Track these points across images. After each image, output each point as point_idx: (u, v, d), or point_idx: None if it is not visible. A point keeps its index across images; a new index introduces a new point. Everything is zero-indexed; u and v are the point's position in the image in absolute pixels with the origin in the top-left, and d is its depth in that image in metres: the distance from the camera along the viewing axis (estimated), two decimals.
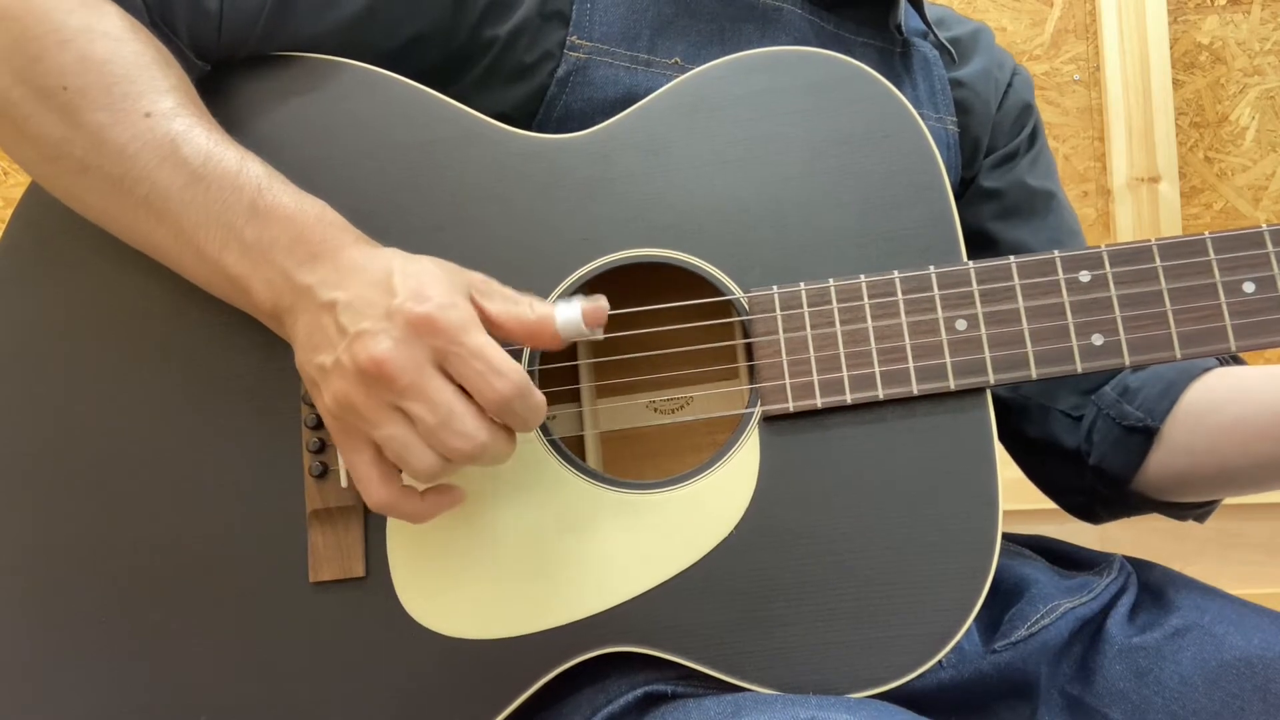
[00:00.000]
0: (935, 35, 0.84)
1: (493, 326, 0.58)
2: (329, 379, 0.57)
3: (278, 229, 0.59)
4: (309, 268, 0.58)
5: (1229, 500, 0.82)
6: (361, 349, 0.55)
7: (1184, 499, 0.79)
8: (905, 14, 0.83)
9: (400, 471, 0.59)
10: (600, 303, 0.60)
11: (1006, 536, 0.84)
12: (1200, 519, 0.82)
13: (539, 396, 0.58)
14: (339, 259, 0.59)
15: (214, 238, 0.60)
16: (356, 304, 0.56)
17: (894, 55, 0.82)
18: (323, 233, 0.59)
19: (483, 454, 0.56)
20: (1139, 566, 0.78)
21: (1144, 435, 0.76)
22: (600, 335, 0.61)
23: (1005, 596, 0.75)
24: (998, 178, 0.86)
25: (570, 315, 0.59)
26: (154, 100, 0.60)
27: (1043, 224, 0.85)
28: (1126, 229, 1.53)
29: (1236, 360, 0.80)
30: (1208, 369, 0.77)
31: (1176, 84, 1.55)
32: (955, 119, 0.85)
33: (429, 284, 0.56)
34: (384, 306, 0.55)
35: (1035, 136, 0.89)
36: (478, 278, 0.60)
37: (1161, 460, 0.76)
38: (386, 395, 0.55)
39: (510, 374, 0.56)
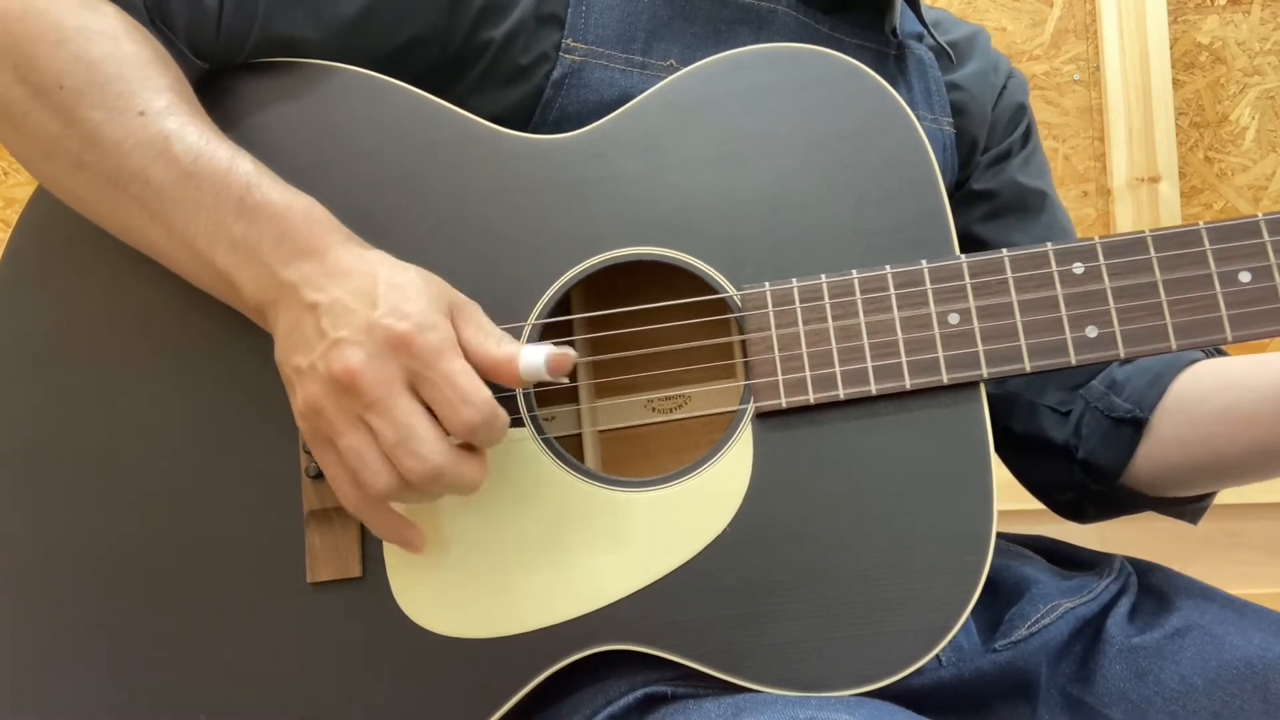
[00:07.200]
0: (933, 37, 0.84)
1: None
2: (303, 381, 0.58)
3: (264, 225, 0.60)
4: (294, 265, 0.59)
5: (1229, 500, 0.81)
6: (337, 357, 0.56)
7: (1175, 493, 0.79)
8: (901, 17, 0.83)
9: None
10: (566, 351, 0.59)
11: (1006, 536, 0.84)
12: (1194, 518, 0.81)
13: (504, 419, 0.58)
14: (325, 259, 0.59)
15: (203, 234, 0.60)
16: (338, 310, 0.57)
17: (889, 58, 0.82)
18: (309, 230, 0.60)
19: (437, 480, 0.57)
20: (1139, 567, 0.77)
21: (1133, 426, 0.76)
22: (566, 382, 0.60)
23: (1005, 596, 0.74)
24: (990, 179, 0.86)
25: (533, 360, 0.58)
26: (148, 99, 0.61)
27: (1035, 222, 0.85)
28: (1126, 229, 1.53)
29: (1221, 353, 0.80)
30: (1194, 360, 0.76)
31: (1176, 84, 1.54)
32: (951, 120, 0.84)
33: (412, 299, 0.57)
34: (365, 318, 0.56)
35: (1029, 136, 0.89)
36: (460, 299, 0.61)
37: (1151, 452, 0.76)
38: (354, 406, 0.56)
39: (477, 403, 0.56)
